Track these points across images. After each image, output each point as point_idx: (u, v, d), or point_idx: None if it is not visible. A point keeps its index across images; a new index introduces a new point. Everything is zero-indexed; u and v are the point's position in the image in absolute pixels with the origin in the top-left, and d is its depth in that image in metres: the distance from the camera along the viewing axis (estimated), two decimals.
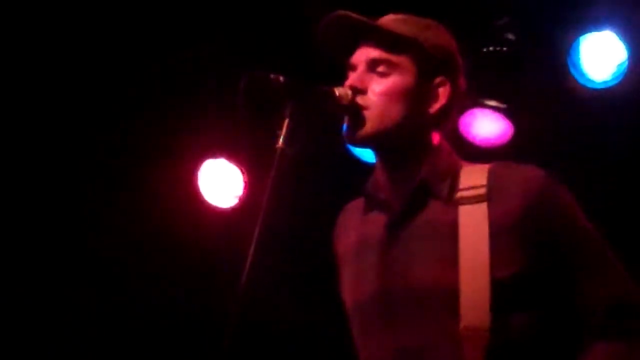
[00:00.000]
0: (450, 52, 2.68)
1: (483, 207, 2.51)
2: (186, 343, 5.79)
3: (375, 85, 2.59)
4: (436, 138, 2.65)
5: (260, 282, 2.33)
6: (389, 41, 2.61)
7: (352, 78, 2.62)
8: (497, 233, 2.47)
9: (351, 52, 2.66)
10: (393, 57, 2.61)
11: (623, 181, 5.03)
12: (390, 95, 2.58)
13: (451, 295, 2.45)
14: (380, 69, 2.60)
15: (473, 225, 2.50)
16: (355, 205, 2.78)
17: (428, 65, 2.62)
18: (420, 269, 2.52)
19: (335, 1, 2.80)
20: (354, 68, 2.64)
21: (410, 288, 2.53)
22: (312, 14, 2.75)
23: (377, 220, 2.65)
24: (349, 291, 2.70)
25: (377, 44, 2.62)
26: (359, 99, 2.58)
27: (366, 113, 2.57)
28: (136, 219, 5.54)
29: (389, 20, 2.68)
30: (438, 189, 2.58)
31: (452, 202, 2.55)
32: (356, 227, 2.73)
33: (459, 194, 2.55)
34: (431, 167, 2.60)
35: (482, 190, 2.53)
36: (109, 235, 5.57)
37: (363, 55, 2.63)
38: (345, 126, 2.61)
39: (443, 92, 2.63)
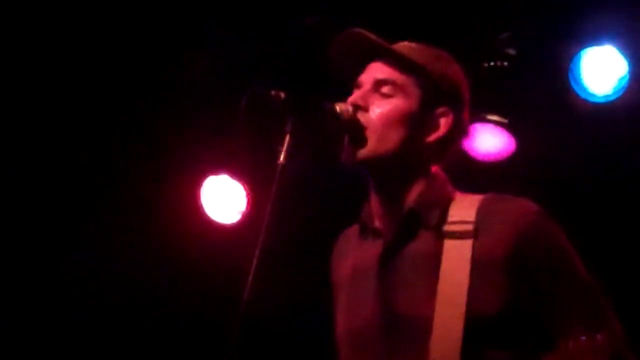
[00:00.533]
0: (458, 85, 2.67)
1: (468, 243, 2.47)
2: (188, 358, 5.79)
3: (377, 106, 2.58)
4: (432, 168, 2.63)
5: (263, 297, 2.34)
6: (397, 64, 2.61)
7: (356, 95, 2.61)
8: (480, 270, 2.44)
9: (358, 70, 2.66)
10: (399, 80, 2.60)
11: (625, 194, 5.03)
12: (390, 117, 2.57)
13: (425, 328, 2.43)
14: (385, 89, 2.60)
15: (455, 260, 2.47)
16: (353, 232, 2.77)
17: (433, 94, 2.61)
18: (404, 298, 2.51)
19: (336, 17, 2.81)
20: (359, 86, 2.64)
21: (396, 317, 2.52)
22: (313, 29, 2.76)
23: (371, 248, 2.64)
24: (342, 317, 2.69)
25: (385, 65, 2.62)
26: (360, 116, 2.57)
27: (364, 134, 2.56)
28: (139, 236, 5.54)
29: (402, 46, 2.67)
30: (426, 219, 2.56)
31: (439, 234, 2.53)
32: (352, 254, 2.72)
33: (447, 227, 2.53)
34: (421, 196, 2.58)
35: (470, 227, 2.50)
36: (112, 251, 5.58)
37: (370, 74, 2.63)
38: (342, 145, 2.61)
39: (444, 123, 2.61)
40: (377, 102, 2.59)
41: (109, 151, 5.45)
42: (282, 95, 2.47)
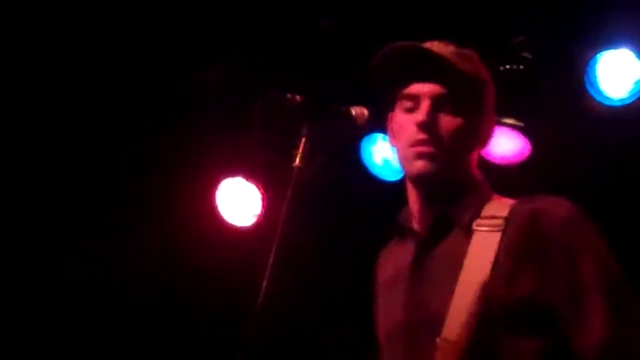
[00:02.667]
0: (492, 86, 2.69)
1: (496, 236, 2.48)
2: None
3: (442, 123, 2.58)
4: (476, 171, 2.66)
5: (278, 300, 2.34)
6: (456, 79, 2.58)
7: (422, 114, 2.57)
8: (504, 261, 2.44)
9: (399, 80, 2.63)
10: (457, 95, 2.58)
11: None
12: (457, 135, 2.57)
13: (440, 323, 2.44)
14: (447, 106, 2.58)
15: (480, 252, 2.48)
16: (395, 239, 2.79)
17: (483, 103, 2.64)
18: (429, 297, 2.52)
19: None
20: (415, 99, 2.61)
21: (420, 316, 2.54)
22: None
23: (408, 250, 2.66)
24: (381, 321, 2.72)
25: (440, 78, 2.59)
26: (427, 134, 2.56)
27: (432, 150, 2.56)
28: (155, 239, 5.56)
29: (447, 51, 2.62)
30: (460, 218, 2.57)
31: (470, 231, 2.54)
32: (392, 259, 2.75)
33: (477, 222, 2.55)
34: (457, 197, 2.59)
35: (500, 221, 2.51)
36: (128, 254, 5.59)
37: (428, 89, 2.60)
38: (406, 158, 2.60)
39: (489, 129, 2.67)
40: (442, 120, 2.57)
41: (127, 155, 5.47)
42: (298, 98, 2.48)
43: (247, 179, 5.45)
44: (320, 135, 2.49)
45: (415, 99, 2.61)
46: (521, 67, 4.86)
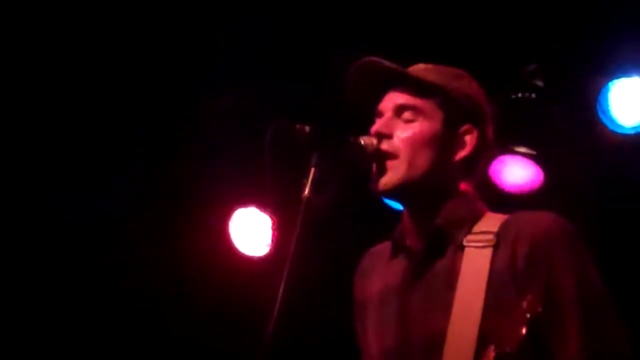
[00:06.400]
0: (479, 101, 2.68)
1: (488, 253, 2.48)
2: None
3: (401, 131, 2.59)
4: (462, 185, 2.64)
5: (290, 329, 2.34)
6: (416, 88, 2.61)
7: (379, 124, 2.62)
8: (497, 280, 2.44)
9: (377, 99, 2.67)
10: (420, 104, 2.61)
11: None
12: (416, 142, 2.58)
13: (440, 343, 2.44)
14: (407, 115, 2.61)
15: (473, 271, 2.47)
16: (379, 250, 2.78)
17: (455, 113, 2.62)
18: (423, 315, 2.52)
19: (365, 51, 2.81)
20: (380, 114, 2.65)
21: (415, 336, 2.53)
22: (341, 63, 2.76)
23: (401, 266, 2.65)
24: (375, 338, 2.69)
25: (405, 91, 2.62)
26: (385, 145, 2.58)
27: (392, 162, 2.57)
28: (169, 268, 5.56)
29: (418, 69, 2.68)
30: (453, 236, 2.57)
31: (462, 247, 2.54)
32: (381, 273, 2.73)
33: (468, 237, 2.54)
34: (449, 213, 2.58)
35: (491, 237, 2.51)
36: (142, 283, 5.59)
37: (390, 101, 2.64)
38: (372, 176, 2.61)
39: (470, 140, 2.63)
40: (401, 128, 2.60)
41: (139, 185, 5.48)
42: (307, 129, 2.49)
43: (260, 209, 5.45)
44: (330, 165, 2.49)
45: (381, 113, 2.65)
46: (533, 95, 4.86)
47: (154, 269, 5.56)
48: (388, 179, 2.58)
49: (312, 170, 2.47)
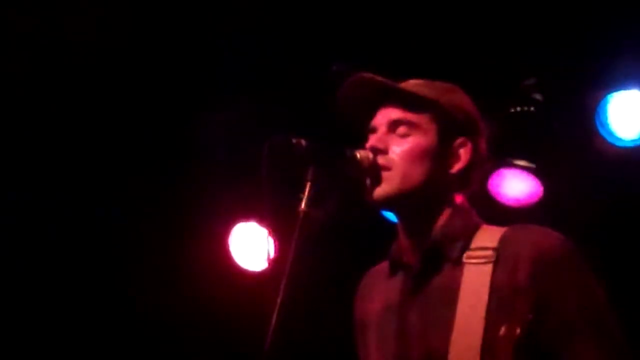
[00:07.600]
0: (472, 114, 2.69)
1: (488, 269, 2.48)
2: None
3: (396, 146, 2.60)
4: (457, 198, 2.64)
5: (287, 345, 2.34)
6: (410, 102, 2.62)
7: (373, 139, 2.62)
8: (498, 297, 2.44)
9: (372, 115, 2.67)
10: (414, 118, 2.61)
11: None
12: (411, 156, 2.58)
13: (443, 358, 2.43)
14: (401, 129, 2.61)
15: (474, 288, 2.47)
16: (379, 270, 2.77)
17: (449, 126, 2.62)
18: (424, 334, 2.51)
19: (361, 66, 2.81)
20: (374, 130, 2.65)
21: (428, 354, 2.51)
22: (337, 78, 2.77)
23: (400, 283, 2.65)
24: (376, 356, 2.68)
25: (398, 105, 2.63)
26: (380, 159, 2.58)
27: (387, 174, 2.57)
28: (168, 283, 5.56)
29: (410, 83, 2.69)
30: (449, 251, 2.56)
31: (460, 264, 2.53)
32: (381, 293, 2.72)
33: (467, 254, 2.54)
34: (444, 228, 2.58)
35: (490, 252, 2.50)
36: (141, 296, 5.59)
37: (384, 116, 2.64)
38: (366, 188, 2.61)
39: (464, 153, 2.63)
40: (396, 143, 2.60)
41: (142, 197, 5.49)
42: (303, 143, 2.49)
43: (260, 224, 5.45)
44: (326, 179, 2.49)
45: (375, 128, 2.65)
46: (532, 108, 4.86)
47: (154, 282, 5.56)
48: (382, 190, 2.58)
49: (309, 184, 2.47)
